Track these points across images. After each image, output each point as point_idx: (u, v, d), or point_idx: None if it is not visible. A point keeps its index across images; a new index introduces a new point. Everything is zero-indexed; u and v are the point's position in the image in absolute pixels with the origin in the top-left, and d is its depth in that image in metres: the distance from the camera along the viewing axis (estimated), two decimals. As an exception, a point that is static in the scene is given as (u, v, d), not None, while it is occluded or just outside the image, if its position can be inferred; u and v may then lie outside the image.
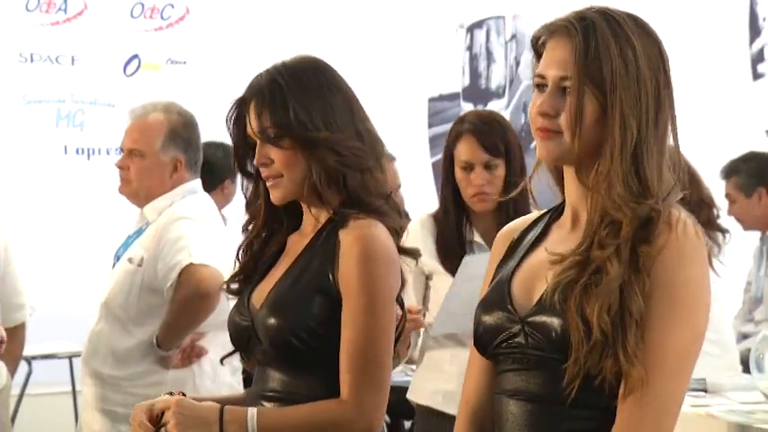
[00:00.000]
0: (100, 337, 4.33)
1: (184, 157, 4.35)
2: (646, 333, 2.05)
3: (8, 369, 4.75)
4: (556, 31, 2.20)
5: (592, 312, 2.04)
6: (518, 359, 2.20)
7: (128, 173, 4.32)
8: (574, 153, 2.16)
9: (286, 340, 2.74)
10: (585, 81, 2.13)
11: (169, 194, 4.34)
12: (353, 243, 2.71)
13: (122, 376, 4.26)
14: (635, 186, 2.11)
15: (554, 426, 2.16)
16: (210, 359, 4.28)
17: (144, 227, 4.35)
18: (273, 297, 2.79)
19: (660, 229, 2.09)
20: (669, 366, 2.07)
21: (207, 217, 4.37)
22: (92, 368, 4.34)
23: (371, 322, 2.70)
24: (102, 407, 4.29)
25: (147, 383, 4.24)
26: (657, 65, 2.16)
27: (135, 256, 4.28)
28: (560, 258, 2.13)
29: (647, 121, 2.12)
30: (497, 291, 2.28)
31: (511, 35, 7.75)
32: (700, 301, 2.13)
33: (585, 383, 2.07)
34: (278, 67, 2.82)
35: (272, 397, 2.81)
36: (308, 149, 2.76)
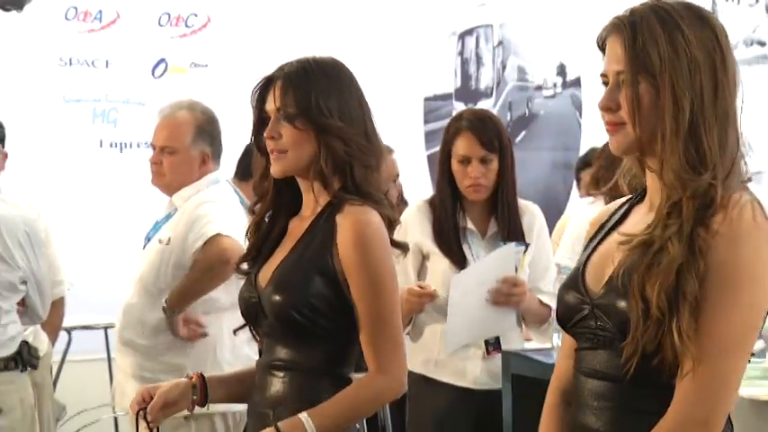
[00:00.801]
0: (133, 310, 4.33)
1: (210, 150, 4.36)
2: (699, 315, 1.98)
3: (49, 338, 4.77)
4: (610, 30, 2.15)
5: (651, 291, 1.98)
6: (590, 339, 2.17)
7: (160, 167, 4.33)
8: (638, 141, 2.10)
9: (289, 315, 2.74)
10: (638, 70, 2.08)
11: (195, 184, 4.34)
12: (349, 228, 2.71)
13: (152, 345, 4.26)
14: (693, 161, 2.04)
15: (617, 402, 2.12)
16: (230, 335, 4.26)
17: (172, 212, 4.35)
18: (278, 276, 2.78)
19: (716, 213, 2.02)
20: (723, 347, 2.00)
21: (228, 202, 4.37)
22: (125, 338, 4.34)
23: (378, 298, 2.70)
24: (133, 372, 4.30)
25: (174, 352, 4.26)
26: (712, 46, 2.07)
27: (164, 237, 4.30)
28: (628, 240, 2.09)
29: (701, 100, 2.05)
30: (575, 273, 2.25)
31: (498, 42, 7.72)
32: (755, 284, 2.02)
33: (644, 362, 2.03)
34: (308, 58, 2.82)
35: (279, 366, 2.80)
36: (320, 134, 2.74)
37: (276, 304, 2.76)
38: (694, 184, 2.03)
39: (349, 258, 2.70)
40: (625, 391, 2.10)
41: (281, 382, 2.79)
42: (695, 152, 2.04)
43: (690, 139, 2.04)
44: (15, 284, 4.07)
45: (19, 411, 4.06)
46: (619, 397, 2.12)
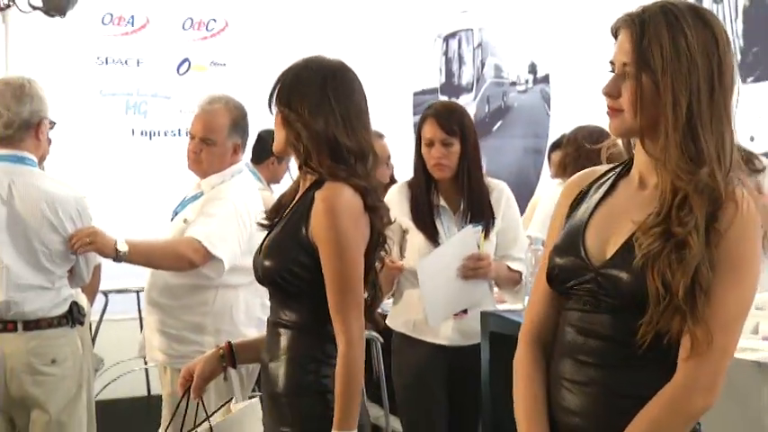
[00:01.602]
0: (159, 276, 4.33)
1: (240, 142, 4.35)
2: (711, 297, 1.98)
3: (88, 300, 4.76)
4: (622, 23, 2.11)
5: (676, 282, 1.96)
6: (589, 302, 2.13)
7: (199, 155, 4.29)
8: (636, 128, 2.09)
9: (275, 280, 2.77)
10: (641, 65, 2.05)
11: (222, 174, 4.31)
12: (320, 202, 2.71)
13: (175, 306, 4.27)
14: (691, 154, 2.01)
15: (619, 362, 2.10)
16: (245, 298, 4.30)
17: (199, 194, 4.33)
18: (267, 245, 2.83)
19: (727, 206, 2.01)
20: (725, 325, 2.01)
21: (246, 197, 4.32)
22: (152, 299, 4.34)
23: (341, 265, 2.68)
24: (159, 329, 4.31)
25: (194, 312, 4.26)
26: (712, 51, 2.03)
27: (188, 218, 4.27)
28: (645, 228, 2.04)
29: (698, 98, 2.02)
30: (570, 238, 2.20)
31: (477, 44, 7.71)
32: (754, 271, 2.06)
33: (656, 338, 2.01)
34: (306, 60, 2.86)
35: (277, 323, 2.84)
36: (287, 123, 2.81)
37: (265, 270, 2.80)
38: (695, 177, 2.00)
39: (318, 228, 2.70)
40: (624, 351, 2.07)
41: (278, 337, 2.81)
42: (693, 146, 2.02)
43: (688, 133, 2.02)
44: (67, 254, 4.07)
45: (70, 361, 4.06)
46: (617, 356, 2.10)
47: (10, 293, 3.92)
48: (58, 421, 4.01)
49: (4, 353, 3.92)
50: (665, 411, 2.02)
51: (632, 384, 2.07)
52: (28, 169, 4.06)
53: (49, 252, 4.01)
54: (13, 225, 3.96)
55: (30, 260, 3.98)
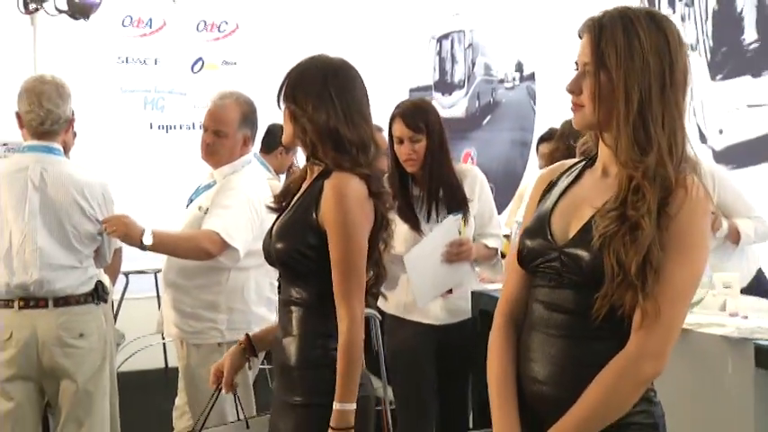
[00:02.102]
0: (176, 259, 4.29)
1: (250, 134, 4.32)
2: (660, 274, 2.01)
3: (110, 280, 4.76)
4: (585, 27, 2.14)
5: (629, 260, 1.99)
6: (553, 278, 2.16)
7: (212, 147, 4.26)
8: (595, 121, 2.12)
9: (285, 261, 2.76)
10: (599, 64, 2.08)
11: (233, 164, 4.27)
12: (330, 190, 2.70)
13: (191, 285, 4.25)
14: (641, 145, 2.05)
15: (580, 334, 2.11)
16: (255, 278, 4.28)
17: (212, 183, 4.32)
18: (278, 229, 2.81)
19: (678, 193, 2.04)
20: (674, 298, 2.04)
21: (255, 186, 4.30)
22: (169, 280, 4.33)
23: (347, 248, 2.68)
24: (176, 307, 4.29)
25: (208, 291, 4.24)
26: (664, 51, 2.06)
27: (203, 205, 4.25)
28: (602, 211, 2.08)
29: (649, 95, 2.05)
30: (539, 222, 2.22)
31: (468, 44, 7.70)
32: (703, 250, 2.09)
33: (609, 311, 2.04)
34: (313, 59, 2.86)
35: (287, 302, 2.83)
36: (294, 119, 2.80)
37: (276, 251, 2.78)
38: (643, 165, 2.04)
39: (327, 213, 2.69)
40: (585, 324, 2.09)
41: (290, 315, 2.80)
42: (643, 136, 2.05)
43: (639, 126, 2.05)
44: (94, 235, 4.09)
45: (96, 335, 4.07)
46: (578, 328, 2.11)
47: (43, 272, 3.92)
48: (85, 390, 4.02)
49: (36, 327, 3.92)
50: (617, 377, 2.04)
51: (593, 355, 2.08)
52: (57, 158, 4.07)
53: (78, 234, 4.02)
54: (45, 210, 3.97)
55: (61, 241, 3.99)
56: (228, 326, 4.24)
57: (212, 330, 4.24)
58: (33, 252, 3.92)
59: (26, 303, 3.93)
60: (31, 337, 3.91)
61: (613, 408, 2.06)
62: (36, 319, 3.93)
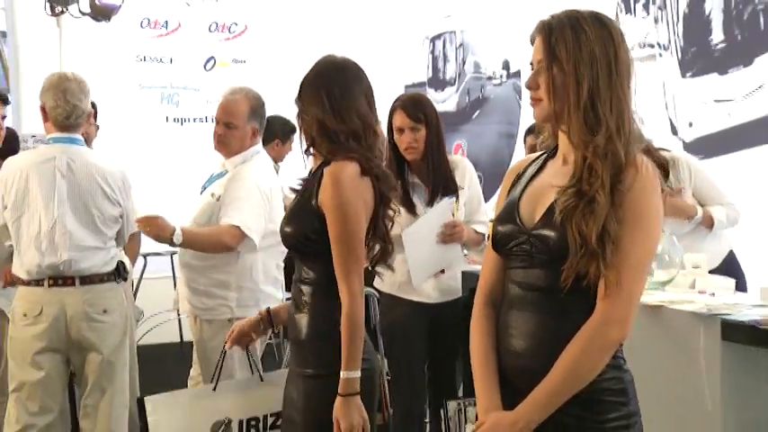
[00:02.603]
0: (189, 241, 4.32)
1: (258, 126, 4.30)
2: (618, 246, 2.02)
3: (130, 262, 4.77)
4: (536, 31, 2.17)
5: (589, 231, 2.01)
6: (524, 259, 2.17)
7: (223, 138, 4.25)
8: (552, 112, 2.13)
9: (293, 243, 2.80)
10: (552, 58, 2.11)
11: (243, 154, 4.25)
12: (327, 177, 2.71)
13: (204, 266, 4.24)
14: (591, 126, 2.08)
15: (551, 308, 2.13)
16: (263, 261, 4.27)
17: (224, 172, 4.31)
18: (286, 215, 2.85)
19: (628, 170, 2.06)
20: (634, 268, 2.06)
21: (264, 175, 4.30)
22: (184, 260, 4.33)
23: (344, 230, 2.69)
24: (189, 285, 4.29)
25: (220, 271, 4.22)
26: (609, 44, 2.10)
27: (215, 192, 4.24)
28: (561, 190, 2.10)
29: (597, 81, 2.08)
30: (509, 209, 2.24)
31: (459, 44, 7.70)
32: (655, 223, 2.10)
33: (575, 282, 2.05)
34: (324, 60, 2.87)
35: (298, 280, 2.83)
36: (301, 113, 2.83)
37: (286, 235, 2.82)
38: (593, 143, 2.07)
39: (325, 198, 2.71)
40: (556, 299, 2.10)
41: (299, 292, 2.82)
42: (593, 118, 2.08)
43: (589, 110, 2.08)
44: (116, 218, 4.10)
45: (118, 312, 4.08)
46: (550, 303, 2.12)
47: (71, 253, 3.92)
48: (108, 361, 4.02)
49: (64, 304, 3.93)
50: (585, 344, 2.06)
51: (565, 327, 2.09)
52: (80, 148, 4.07)
53: (103, 216, 4.02)
54: (73, 195, 3.97)
55: (87, 224, 3.99)
56: (238, 303, 4.24)
57: (223, 307, 4.24)
58: (63, 235, 3.92)
59: (55, 282, 3.93)
60: (59, 313, 3.92)
61: (584, 372, 2.07)
62: (64, 296, 3.94)
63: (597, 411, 2.10)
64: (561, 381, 2.06)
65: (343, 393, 2.65)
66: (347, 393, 2.65)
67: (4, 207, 4.00)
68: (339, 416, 2.65)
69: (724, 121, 5.21)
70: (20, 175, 3.96)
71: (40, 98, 4.05)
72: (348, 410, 2.64)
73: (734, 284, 3.37)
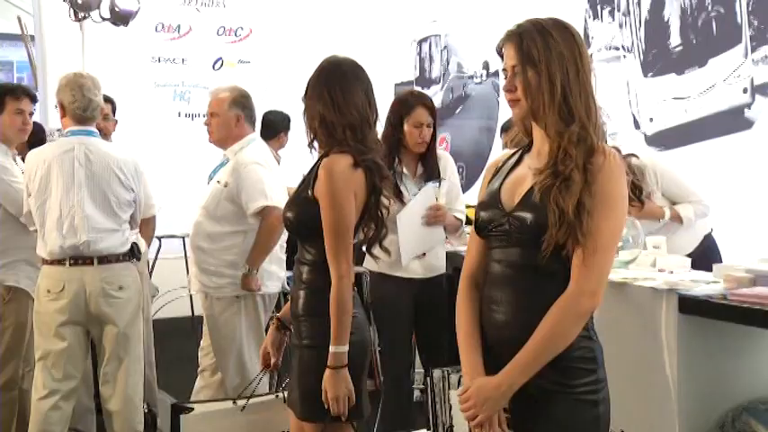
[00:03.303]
0: (200, 225, 4.31)
1: (243, 114, 4.31)
2: (591, 221, 2.03)
3: (146, 243, 4.76)
4: (505, 40, 2.18)
5: (566, 204, 2.03)
6: (503, 239, 2.18)
7: (210, 127, 4.35)
8: (530, 111, 2.14)
9: (293, 228, 2.81)
10: (525, 62, 2.12)
11: (240, 142, 4.30)
12: (322, 170, 2.70)
13: (214, 248, 4.26)
14: (564, 117, 2.10)
15: (533, 284, 2.14)
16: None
17: (225, 161, 4.33)
18: (288, 202, 2.83)
19: (597, 157, 2.08)
20: (604, 244, 2.07)
21: (266, 159, 4.32)
22: (195, 243, 4.34)
23: (334, 216, 2.67)
24: (200, 266, 4.31)
25: (228, 252, 4.25)
26: (572, 45, 2.13)
27: (221, 179, 4.25)
28: (538, 171, 2.12)
29: (567, 77, 2.11)
30: (491, 196, 2.25)
31: (444, 46, 7.69)
32: (622, 204, 2.11)
33: (554, 253, 2.06)
34: (327, 60, 2.87)
35: (299, 260, 2.82)
36: (306, 109, 2.81)
37: (287, 221, 2.82)
38: (568, 132, 2.09)
39: (319, 188, 2.70)
40: (533, 275, 2.12)
41: (299, 271, 2.81)
42: (567, 112, 2.10)
43: (563, 103, 2.11)
44: (130, 202, 4.08)
45: (132, 288, 4.05)
46: (528, 278, 2.13)
47: (90, 235, 3.90)
48: (124, 334, 4.00)
49: (84, 281, 3.91)
50: (560, 314, 2.07)
51: (541, 301, 2.10)
52: (96, 140, 4.05)
53: (117, 201, 4.00)
54: (90, 183, 3.95)
55: (104, 209, 3.96)
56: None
57: (231, 285, 4.25)
58: (82, 219, 3.90)
59: (75, 261, 3.91)
60: (79, 289, 3.90)
61: (559, 340, 2.08)
62: (84, 274, 3.92)
63: (569, 377, 2.11)
64: (539, 348, 2.07)
65: (331, 366, 2.64)
66: (335, 366, 2.64)
67: (29, 194, 3.99)
68: (327, 386, 2.64)
69: (681, 116, 5.22)
70: (42, 165, 3.94)
71: (57, 95, 4.03)
72: (335, 381, 2.64)
73: (689, 263, 3.37)
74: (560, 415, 2.11)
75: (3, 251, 4.27)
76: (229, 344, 4.28)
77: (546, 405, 2.11)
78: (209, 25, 8.38)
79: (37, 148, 4.11)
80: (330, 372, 2.64)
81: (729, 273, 2.83)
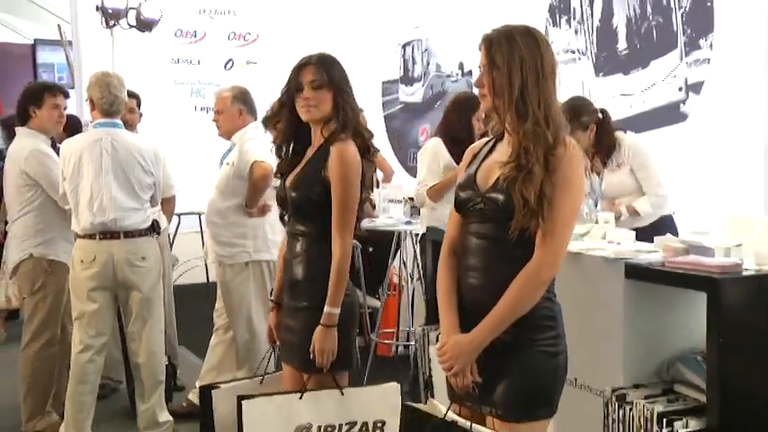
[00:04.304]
0: (213, 203, 4.31)
1: (244, 107, 4.32)
2: (552, 204, 2.03)
3: (167, 219, 4.77)
4: (482, 42, 2.16)
5: (528, 194, 2.02)
6: (479, 215, 2.17)
7: (217, 123, 4.38)
8: (493, 106, 2.14)
9: (299, 204, 2.70)
10: (491, 64, 2.11)
11: (243, 129, 4.31)
12: (334, 154, 2.63)
13: (225, 222, 4.26)
14: (521, 116, 2.09)
15: (502, 254, 2.13)
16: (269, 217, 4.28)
17: (233, 146, 4.33)
18: (294, 181, 2.73)
19: (559, 148, 2.07)
20: (563, 223, 2.07)
21: (262, 136, 4.26)
22: (209, 219, 4.35)
23: (344, 196, 2.63)
24: (215, 238, 4.31)
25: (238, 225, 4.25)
26: (535, 52, 2.10)
27: (230, 161, 4.27)
28: (504, 163, 2.11)
29: (526, 80, 2.08)
30: (468, 178, 2.23)
31: (425, 49, 7.65)
32: (580, 187, 2.11)
33: (520, 234, 2.06)
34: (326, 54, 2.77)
35: (296, 233, 2.75)
36: (335, 98, 2.68)
37: (293, 198, 2.72)
38: (522, 129, 2.08)
39: (332, 171, 2.63)
40: (504, 247, 2.12)
41: (296, 243, 2.74)
42: (522, 109, 2.09)
43: (519, 103, 2.09)
44: (150, 185, 4.05)
45: (153, 259, 4.03)
46: (499, 249, 2.13)
47: (116, 214, 3.89)
48: (147, 298, 3.99)
49: (112, 252, 3.90)
50: (525, 281, 2.08)
51: (510, 269, 2.10)
52: (120, 131, 4.03)
53: (139, 184, 3.98)
54: (116, 168, 3.92)
55: (128, 191, 3.94)
56: (254, 249, 4.29)
57: (243, 253, 4.27)
58: (110, 200, 3.88)
59: (104, 236, 3.90)
60: (108, 260, 3.90)
61: (524, 302, 2.09)
62: (111, 246, 3.91)
63: (533, 332, 2.12)
64: (507, 309, 2.08)
65: (324, 324, 2.60)
66: (327, 324, 2.60)
67: (64, 178, 3.97)
68: (316, 340, 2.60)
69: (627, 110, 5.24)
70: (75, 153, 3.93)
71: (88, 92, 4.00)
72: (325, 338, 2.60)
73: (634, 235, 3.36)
74: (525, 364, 2.11)
75: (43, 230, 4.26)
76: (240, 305, 4.29)
77: (513, 356, 2.12)
78: (221, 31, 8.34)
79: (70, 138, 4.09)
80: (322, 329, 2.60)
81: (667, 244, 2.83)
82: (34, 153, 4.19)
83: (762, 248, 2.63)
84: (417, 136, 7.67)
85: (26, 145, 4.23)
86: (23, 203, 4.24)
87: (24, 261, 4.25)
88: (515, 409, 2.11)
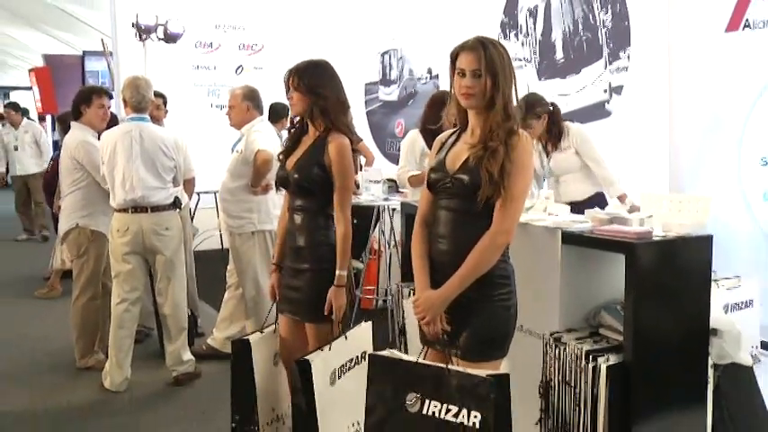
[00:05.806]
0: (224, 183, 4.28)
1: (252, 104, 4.26)
2: (509, 181, 2.04)
3: (188, 197, 4.74)
4: (465, 48, 2.11)
5: (493, 169, 2.03)
6: (447, 192, 2.15)
7: (229, 115, 4.30)
8: (479, 104, 2.10)
9: (301, 184, 2.65)
10: (487, 70, 2.06)
11: (251, 122, 4.25)
12: (334, 144, 2.59)
13: (235, 199, 4.23)
14: (507, 114, 2.08)
15: (466, 224, 2.12)
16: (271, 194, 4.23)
17: (241, 137, 4.29)
18: (296, 164, 2.68)
19: (514, 137, 2.07)
20: (517, 195, 2.07)
21: (266, 131, 4.28)
22: (222, 197, 4.34)
23: (345, 177, 2.60)
24: (226, 212, 4.28)
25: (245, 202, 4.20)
26: (507, 59, 2.10)
27: (239, 149, 4.22)
28: (473, 145, 2.11)
29: (508, 87, 2.09)
30: (439, 162, 2.21)
31: (400, 57, 7.59)
32: (530, 170, 2.10)
33: (485, 205, 2.05)
34: (311, 60, 2.74)
35: (297, 209, 2.70)
36: (310, 98, 2.64)
37: (296, 179, 2.66)
38: (507, 125, 2.08)
39: (333, 158, 2.60)
40: (467, 218, 2.10)
41: (296, 216, 2.70)
42: (507, 109, 2.10)
43: (506, 104, 2.09)
44: (171, 168, 4.00)
45: (175, 229, 3.98)
46: (463, 220, 2.12)
47: (144, 192, 3.87)
48: (171, 260, 3.97)
49: (141, 224, 3.88)
50: (485, 246, 2.08)
51: (472, 236, 2.09)
52: (147, 124, 4.01)
53: (163, 167, 3.95)
54: (143, 155, 3.90)
55: (153, 173, 3.91)
56: (259, 221, 4.25)
57: (249, 224, 4.24)
58: (138, 180, 3.86)
59: (135, 210, 3.88)
60: (138, 229, 3.87)
61: (483, 264, 2.08)
62: (141, 218, 3.88)
63: (491, 289, 2.12)
64: (470, 270, 2.07)
65: (337, 284, 2.58)
66: (340, 285, 2.59)
67: (103, 163, 3.97)
68: (332, 297, 2.59)
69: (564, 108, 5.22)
70: (111, 143, 3.91)
71: (122, 93, 4.00)
72: (339, 295, 2.59)
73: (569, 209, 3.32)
74: (484, 315, 2.11)
75: (87, 205, 4.25)
76: (247, 267, 4.26)
77: (474, 309, 2.11)
78: (233, 42, 8.25)
79: (108, 130, 4.09)
80: (335, 288, 2.59)
81: (595, 215, 2.83)
82: (82, 143, 4.17)
83: (668, 219, 2.69)
84: (394, 128, 7.63)
85: (77, 136, 4.22)
86: (72, 183, 4.23)
87: (72, 230, 4.25)
88: (476, 352, 2.12)
